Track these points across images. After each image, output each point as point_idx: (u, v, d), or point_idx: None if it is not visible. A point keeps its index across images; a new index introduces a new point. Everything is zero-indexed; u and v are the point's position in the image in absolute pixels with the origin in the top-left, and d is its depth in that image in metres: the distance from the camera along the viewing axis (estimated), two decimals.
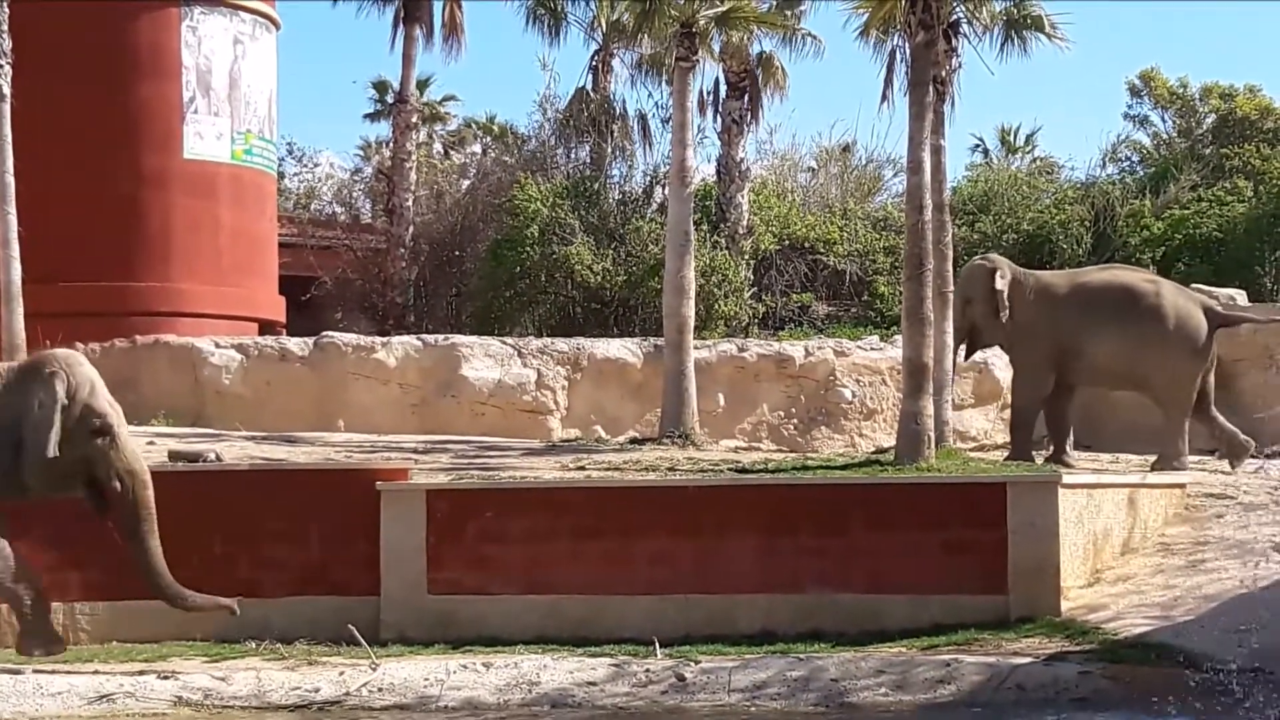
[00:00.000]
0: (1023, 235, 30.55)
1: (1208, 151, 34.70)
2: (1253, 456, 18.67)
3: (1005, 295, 18.64)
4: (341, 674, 11.97)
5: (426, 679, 11.80)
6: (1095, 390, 19.62)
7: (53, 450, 11.96)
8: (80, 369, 12.41)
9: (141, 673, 12.09)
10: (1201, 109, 36.80)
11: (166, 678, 11.97)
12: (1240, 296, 22.08)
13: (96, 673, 12.10)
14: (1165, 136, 37.59)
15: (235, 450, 17.85)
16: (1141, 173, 35.57)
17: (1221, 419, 18.57)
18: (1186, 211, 30.99)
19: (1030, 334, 18.61)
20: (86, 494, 12.41)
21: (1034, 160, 39.11)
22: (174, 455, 16.07)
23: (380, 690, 11.75)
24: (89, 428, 12.24)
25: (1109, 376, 18.75)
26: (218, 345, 22.62)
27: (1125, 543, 14.71)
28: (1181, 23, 67.90)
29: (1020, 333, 18.72)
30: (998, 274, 18.84)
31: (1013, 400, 19.46)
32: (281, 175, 34.40)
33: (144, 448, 17.85)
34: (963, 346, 19.71)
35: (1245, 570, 13.26)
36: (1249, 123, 34.81)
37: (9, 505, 12.37)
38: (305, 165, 38.95)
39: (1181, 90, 37.14)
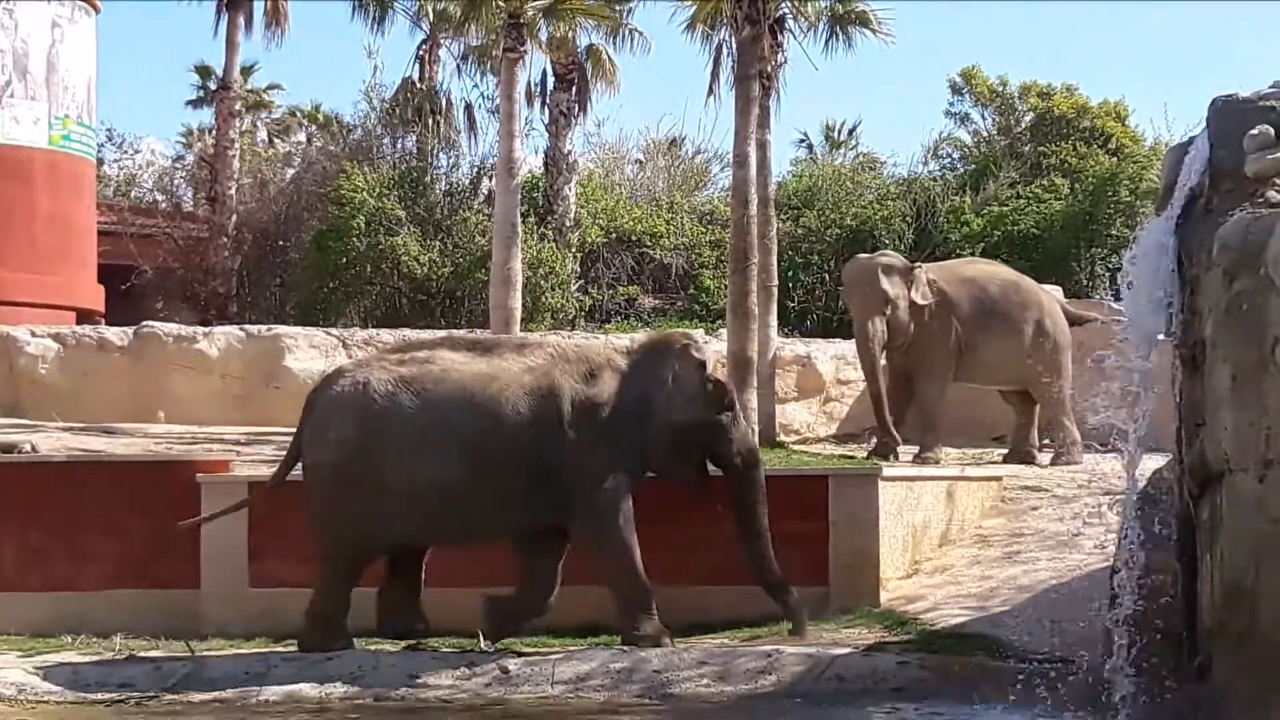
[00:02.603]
0: (846, 230, 30.91)
1: (1026, 149, 35.30)
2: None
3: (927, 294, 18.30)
4: (159, 668, 11.80)
5: (247, 673, 11.67)
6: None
7: (694, 420, 11.95)
8: (703, 345, 12.49)
9: None
10: (1020, 107, 37.38)
11: None
12: (1057, 292, 22.50)
13: None
14: (985, 134, 38.17)
15: (52, 441, 17.54)
16: (962, 169, 36.13)
17: (1033, 426, 18.88)
18: (1005, 208, 31.55)
19: (931, 331, 18.33)
20: (697, 475, 12.32)
21: (857, 156, 39.53)
22: None
23: (200, 685, 11.59)
24: (717, 402, 12.16)
25: (994, 374, 18.77)
26: (34, 334, 22.17)
27: (944, 534, 14.93)
28: (1002, 22, 69.08)
29: (922, 331, 18.35)
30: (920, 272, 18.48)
31: (923, 399, 18.62)
32: (101, 162, 33.81)
33: None
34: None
35: (1058, 562, 13.52)
36: (1066, 121, 35.44)
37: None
38: (125, 152, 38.32)
39: (1001, 89, 37.69)
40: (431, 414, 11.84)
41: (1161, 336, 9.65)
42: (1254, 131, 9.39)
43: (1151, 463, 10.24)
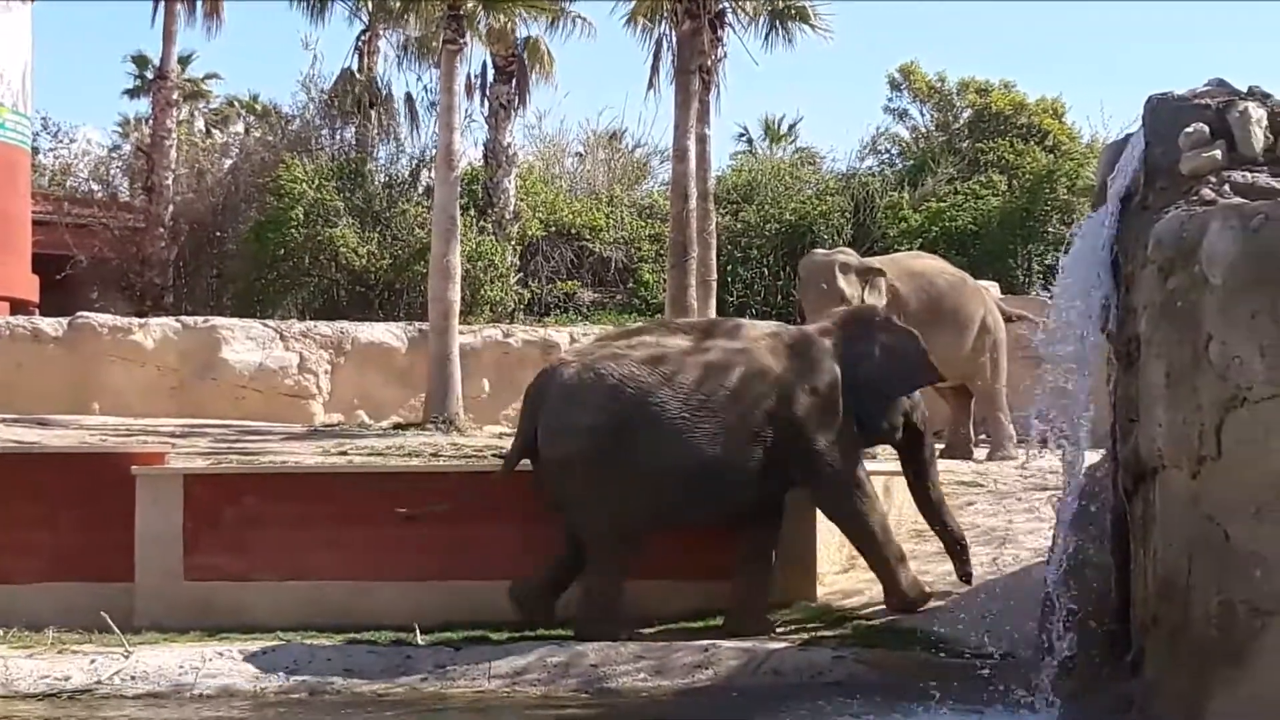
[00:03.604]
0: (785, 225, 30.96)
1: (964, 145, 35.42)
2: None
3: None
4: (93, 662, 11.71)
5: (181, 666, 11.60)
6: None
7: (901, 386, 12.58)
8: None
9: None
10: (958, 103, 37.52)
11: None
12: (994, 288, 22.60)
13: None
14: (923, 130, 38.30)
15: None
16: (900, 165, 36.24)
17: (969, 421, 18.93)
18: (943, 204, 31.67)
19: None
20: (900, 440, 12.84)
21: (797, 151, 39.60)
22: None
23: (133, 678, 11.52)
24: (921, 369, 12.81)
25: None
26: None
27: None
28: (940, 18, 69.34)
29: None
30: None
31: None
32: (36, 151, 33.54)
33: None
34: None
35: (994, 557, 13.58)
36: (1003, 118, 35.60)
37: None
38: (61, 141, 38.04)
39: (939, 85, 37.81)
40: (680, 396, 12.05)
41: (1096, 333, 9.71)
42: (1189, 129, 9.46)
43: (1088, 458, 10.29)
